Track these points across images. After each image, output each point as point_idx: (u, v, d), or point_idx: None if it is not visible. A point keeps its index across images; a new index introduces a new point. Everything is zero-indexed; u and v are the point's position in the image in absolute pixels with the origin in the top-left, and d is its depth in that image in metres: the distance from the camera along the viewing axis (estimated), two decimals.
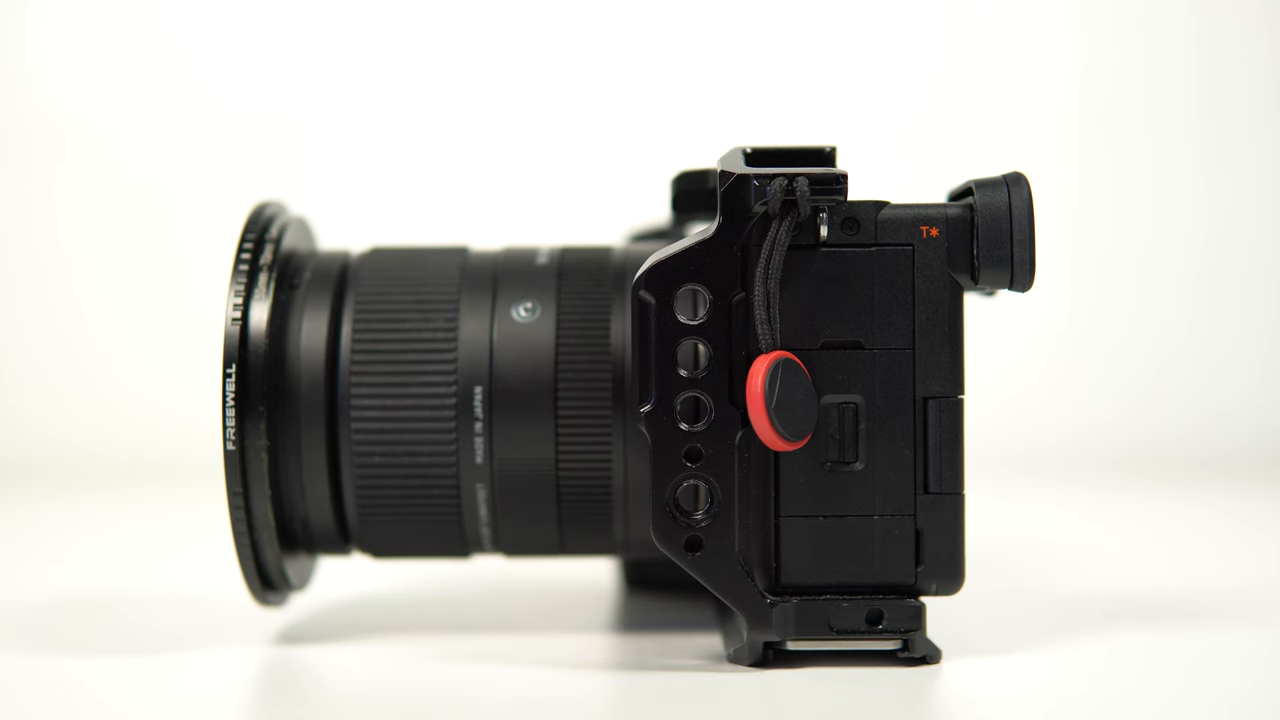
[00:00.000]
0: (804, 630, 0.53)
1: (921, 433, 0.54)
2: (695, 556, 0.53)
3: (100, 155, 1.52)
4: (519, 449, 0.57)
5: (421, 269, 0.60)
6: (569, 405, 0.57)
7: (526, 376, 0.57)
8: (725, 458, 0.53)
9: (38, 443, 1.41)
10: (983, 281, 0.53)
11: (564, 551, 0.60)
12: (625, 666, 0.56)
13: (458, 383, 0.57)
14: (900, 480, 0.54)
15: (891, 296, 0.54)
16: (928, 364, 0.54)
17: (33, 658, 0.58)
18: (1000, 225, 0.53)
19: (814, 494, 0.53)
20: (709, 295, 0.53)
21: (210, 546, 0.91)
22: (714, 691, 0.51)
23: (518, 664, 0.56)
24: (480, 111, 1.53)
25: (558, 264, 0.60)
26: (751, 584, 0.53)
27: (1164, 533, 0.92)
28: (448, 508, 0.58)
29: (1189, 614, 0.63)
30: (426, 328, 0.58)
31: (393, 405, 0.57)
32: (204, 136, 1.52)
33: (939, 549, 0.54)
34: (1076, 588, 0.70)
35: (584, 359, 0.57)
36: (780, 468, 0.53)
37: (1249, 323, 1.41)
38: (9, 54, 1.54)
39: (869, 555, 0.54)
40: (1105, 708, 0.49)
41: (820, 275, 0.53)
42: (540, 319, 0.58)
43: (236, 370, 0.55)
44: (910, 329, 0.54)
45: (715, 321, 0.53)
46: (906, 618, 0.53)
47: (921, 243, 0.54)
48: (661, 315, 0.53)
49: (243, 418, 0.55)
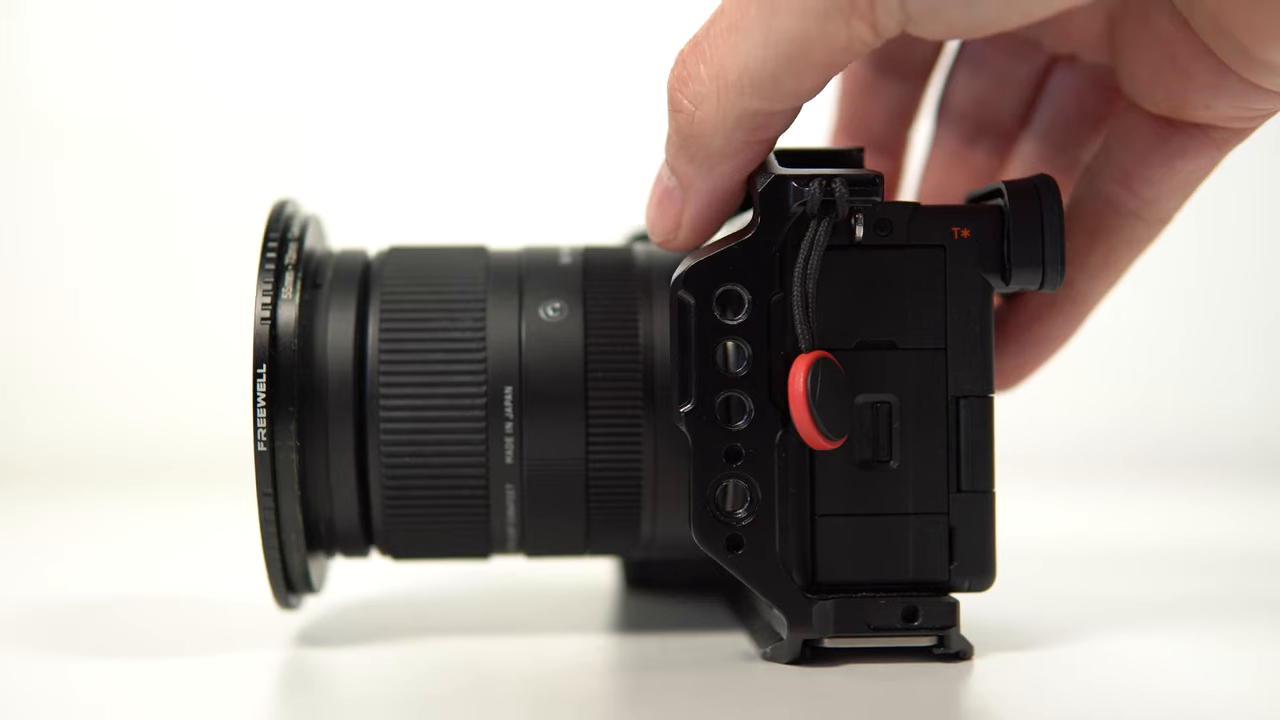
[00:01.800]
0: (842, 627, 0.53)
1: (954, 431, 0.54)
2: (736, 555, 0.53)
3: (102, 155, 1.52)
4: (549, 449, 0.57)
5: (445, 268, 0.59)
6: (599, 405, 0.57)
7: (557, 376, 0.57)
8: (766, 457, 0.53)
9: (40, 443, 1.41)
10: (1014, 282, 0.54)
11: (588, 551, 0.60)
12: (665, 666, 0.56)
13: (488, 383, 0.56)
14: (933, 478, 0.54)
15: (924, 297, 0.54)
16: (960, 363, 0.54)
17: (55, 659, 0.58)
18: (1032, 227, 0.54)
19: (849, 492, 0.54)
20: (748, 295, 0.53)
21: (210, 547, 0.93)
22: (755, 688, 0.52)
23: (545, 662, 0.56)
24: (469, 111, 1.53)
25: (582, 264, 0.60)
26: (792, 582, 0.53)
27: (1163, 532, 0.93)
28: (476, 508, 0.57)
29: (1196, 609, 0.65)
30: (454, 327, 0.57)
31: (422, 406, 0.56)
32: (204, 137, 1.52)
33: (971, 546, 0.54)
34: (1087, 585, 0.72)
35: (614, 358, 0.57)
36: (816, 467, 0.54)
37: (1250, 323, 1.43)
38: (22, 54, 1.54)
39: (903, 553, 0.54)
40: (1137, 701, 0.50)
41: (854, 276, 0.54)
42: (569, 319, 0.58)
43: (267, 371, 0.54)
44: (943, 329, 0.54)
45: (755, 321, 0.53)
46: (941, 614, 0.54)
47: (953, 244, 0.54)
48: (701, 315, 0.53)
49: (273, 418, 0.54)
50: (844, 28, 0.48)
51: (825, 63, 0.49)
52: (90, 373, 1.48)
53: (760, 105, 0.51)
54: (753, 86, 0.50)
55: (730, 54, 0.51)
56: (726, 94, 0.51)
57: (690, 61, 0.52)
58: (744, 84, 0.50)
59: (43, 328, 1.49)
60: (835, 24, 0.48)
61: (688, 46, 0.53)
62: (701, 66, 0.52)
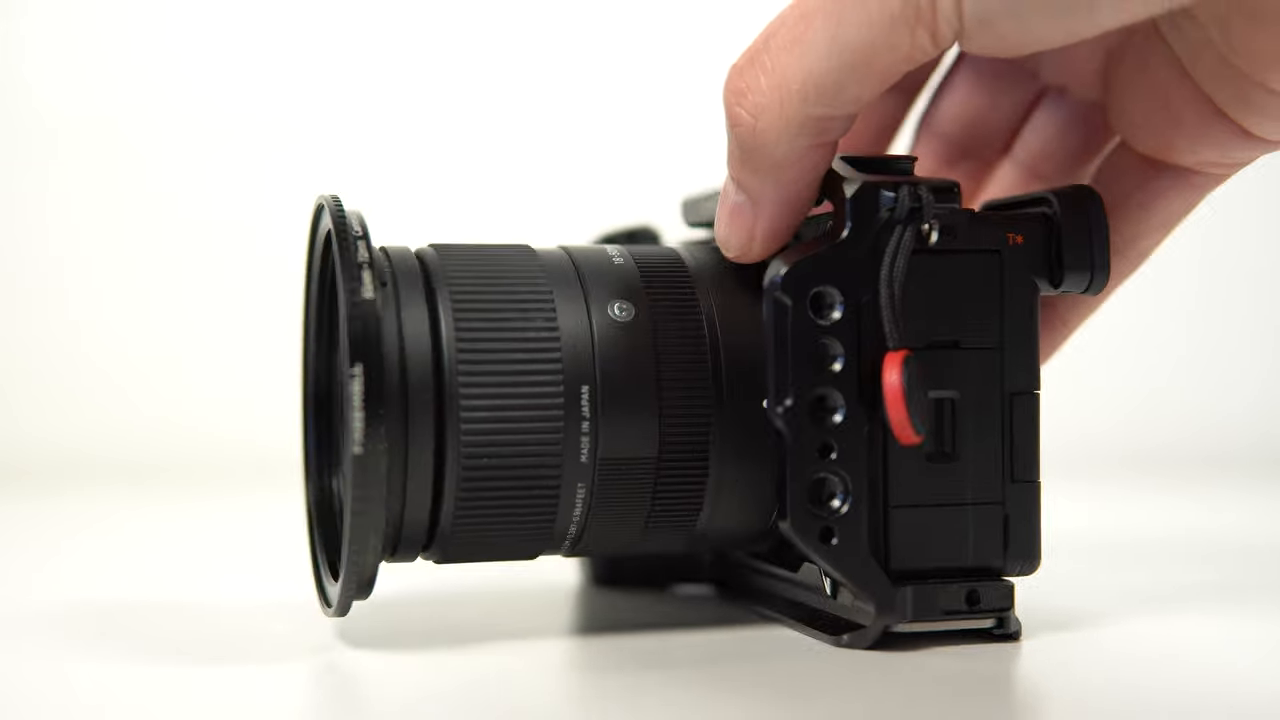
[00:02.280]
0: (919, 613, 0.56)
1: (1008, 425, 0.58)
2: (829, 547, 0.55)
3: (98, 157, 1.53)
4: (623, 447, 0.57)
5: (504, 267, 0.59)
6: (671, 404, 0.58)
7: (630, 375, 0.57)
8: (856, 451, 0.55)
9: (39, 444, 1.41)
10: (1065, 285, 0.58)
11: (639, 548, 0.61)
12: (744, 657, 0.58)
13: (564, 382, 0.56)
14: (991, 470, 0.57)
15: (982, 299, 0.57)
16: (1013, 362, 0.58)
17: (55, 661, 0.57)
18: (1083, 233, 0.58)
19: (918, 484, 0.56)
20: (840, 296, 0.55)
21: (209, 548, 0.92)
22: (842, 672, 0.54)
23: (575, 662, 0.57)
24: (467, 113, 1.55)
25: (634, 264, 0.60)
26: (881, 572, 0.55)
27: (1169, 526, 0.98)
28: (546, 507, 0.57)
29: (1212, 594, 0.69)
30: (529, 327, 0.57)
31: (501, 405, 0.56)
32: (199, 138, 1.53)
33: (1021, 533, 0.58)
34: (1107, 574, 0.76)
35: (682, 357, 0.58)
36: (890, 460, 0.56)
37: (1251, 323, 1.49)
38: (18, 56, 1.54)
39: (964, 541, 0.57)
40: (1177, 675, 0.54)
41: (925, 278, 0.57)
42: (636, 318, 0.58)
43: (364, 371, 0.53)
44: (999, 329, 0.58)
45: (847, 321, 0.55)
46: (1000, 597, 0.57)
47: (1008, 249, 0.58)
48: (798, 316, 0.55)
49: (370, 419, 0.53)
50: (908, 38, 0.51)
51: (886, 70, 0.52)
52: (87, 374, 1.49)
53: (822, 111, 0.53)
54: (816, 94, 0.52)
55: (793, 65, 0.53)
56: (789, 102, 0.53)
57: (748, 75, 0.54)
58: (807, 92, 0.52)
59: (41, 328, 1.50)
60: (900, 34, 0.51)
61: (742, 61, 0.55)
62: (761, 78, 0.54)
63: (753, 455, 0.58)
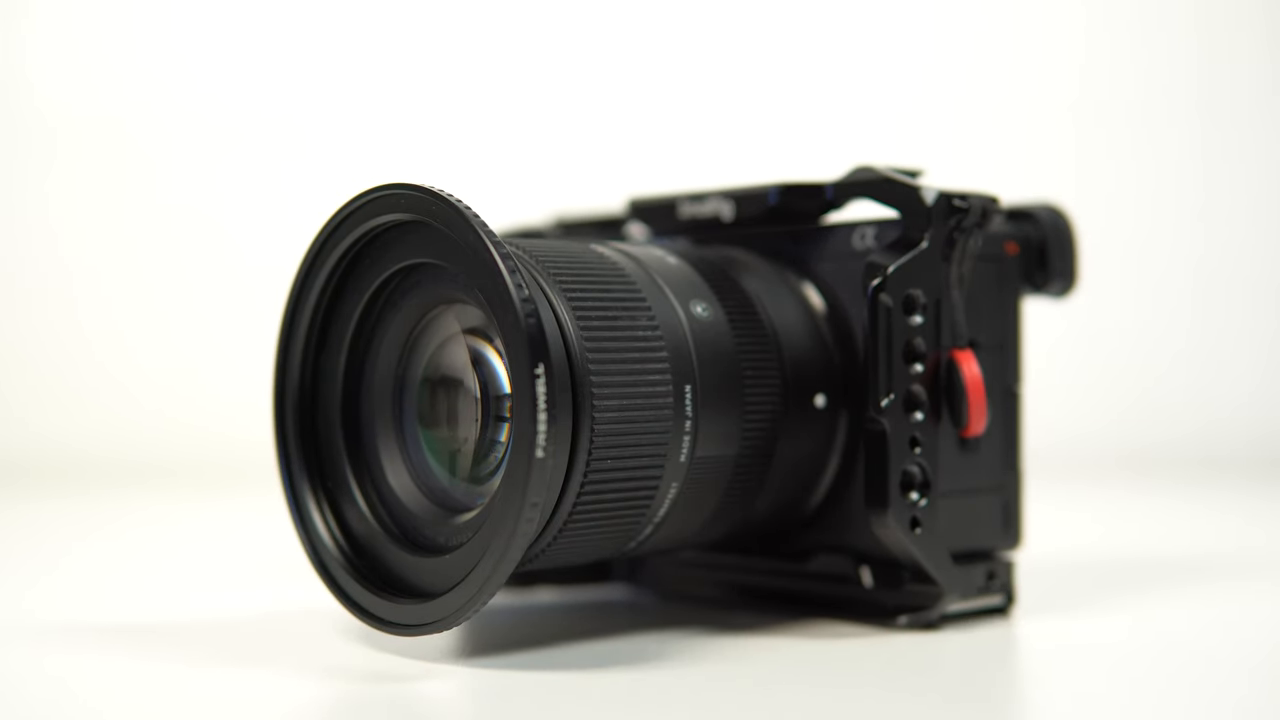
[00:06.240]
0: (965, 592, 0.60)
1: (1007, 418, 0.63)
2: (916, 534, 0.58)
3: (101, 157, 1.52)
4: (714, 446, 0.57)
5: (587, 261, 0.56)
6: (751, 402, 0.58)
7: (723, 374, 0.57)
8: (934, 444, 0.59)
9: (39, 444, 1.40)
10: (1045, 290, 0.65)
11: (693, 546, 0.60)
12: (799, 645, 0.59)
13: (672, 381, 0.55)
14: (995, 459, 0.63)
15: (992, 302, 0.63)
16: (1009, 361, 0.64)
17: (59, 663, 0.55)
18: (1066, 243, 0.65)
19: (955, 473, 0.61)
20: (925, 299, 0.58)
21: (209, 549, 0.91)
22: (890, 653, 0.57)
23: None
24: (464, 114, 1.53)
25: (692, 263, 0.60)
26: (948, 555, 0.59)
27: (1163, 523, 1.00)
28: (641, 508, 0.55)
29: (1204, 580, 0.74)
30: (636, 325, 0.55)
31: (625, 406, 0.53)
32: (203, 138, 1.53)
33: (1012, 514, 0.64)
34: (1100, 563, 0.80)
35: (756, 356, 0.59)
36: (940, 450, 0.60)
37: (1250, 324, 1.51)
38: (20, 56, 1.54)
39: (978, 523, 0.62)
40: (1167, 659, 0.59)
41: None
42: (715, 317, 0.58)
43: (546, 372, 0.49)
44: (1001, 330, 0.63)
45: (930, 321, 0.58)
46: (1006, 574, 0.63)
47: (1007, 258, 0.63)
48: (897, 317, 0.57)
49: (553, 420, 0.49)
50: None
51: None
52: (94, 374, 1.49)
53: None
54: None
55: None
56: None
57: None
58: None
59: (43, 328, 1.50)
60: None
61: None
62: None
63: (804, 451, 0.60)
